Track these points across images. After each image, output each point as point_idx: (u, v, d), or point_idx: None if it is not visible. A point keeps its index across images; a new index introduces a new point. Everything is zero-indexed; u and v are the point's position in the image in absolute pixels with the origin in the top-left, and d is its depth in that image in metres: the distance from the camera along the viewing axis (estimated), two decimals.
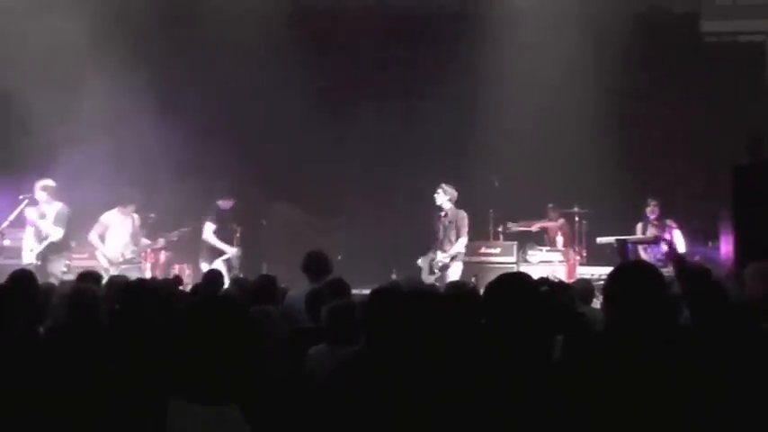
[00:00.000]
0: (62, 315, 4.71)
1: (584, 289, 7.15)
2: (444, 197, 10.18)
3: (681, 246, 10.05)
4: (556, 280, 7.33)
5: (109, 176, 11.25)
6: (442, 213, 10.20)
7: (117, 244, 10.24)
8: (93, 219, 10.12)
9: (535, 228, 12.12)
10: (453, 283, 6.71)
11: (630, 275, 2.84)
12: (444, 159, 12.00)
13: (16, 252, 9.88)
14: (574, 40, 11.79)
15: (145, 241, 10.61)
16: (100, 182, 11.07)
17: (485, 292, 2.88)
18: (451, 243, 10.12)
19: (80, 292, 4.52)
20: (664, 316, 2.69)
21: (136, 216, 10.49)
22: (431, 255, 10.23)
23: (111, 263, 10.04)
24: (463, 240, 10.15)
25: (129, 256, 10.29)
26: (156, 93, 11.71)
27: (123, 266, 9.98)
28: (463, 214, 10.23)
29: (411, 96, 12.64)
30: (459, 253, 10.17)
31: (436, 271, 10.09)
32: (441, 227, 10.20)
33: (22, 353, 3.92)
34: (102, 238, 10.22)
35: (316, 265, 6.79)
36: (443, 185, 10.20)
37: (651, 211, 10.73)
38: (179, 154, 11.65)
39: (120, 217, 10.32)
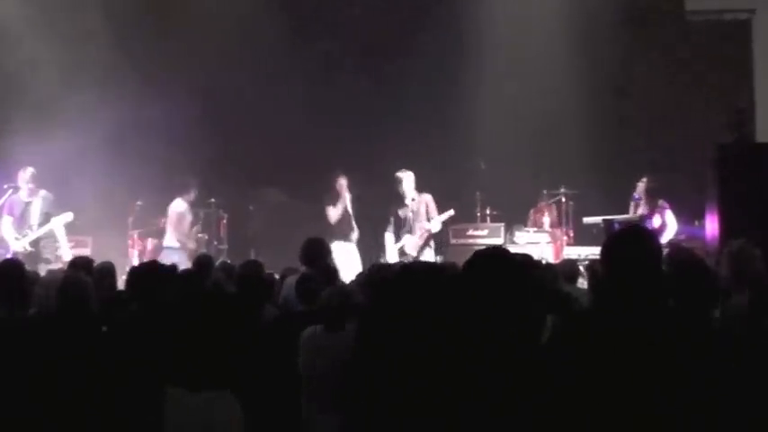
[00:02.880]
0: (50, 304, 4.70)
1: (568, 269, 7.24)
2: (411, 186, 10.21)
3: (672, 226, 10.07)
4: (542, 261, 7.38)
5: (94, 165, 11.21)
6: (407, 200, 10.22)
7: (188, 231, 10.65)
8: (76, 208, 10.04)
9: (534, 220, 12.09)
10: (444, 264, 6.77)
11: (631, 237, 2.84)
12: (430, 142, 12.00)
13: (1, 242, 9.84)
14: (559, 17, 11.79)
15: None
16: (84, 170, 11.04)
17: (466, 270, 2.87)
18: (420, 226, 10.19)
19: (70, 281, 4.51)
20: (658, 285, 2.70)
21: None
22: (401, 243, 10.26)
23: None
24: (437, 220, 10.22)
25: (191, 246, 10.56)
26: (139, 77, 11.65)
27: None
28: (429, 196, 10.31)
29: (396, 80, 12.60)
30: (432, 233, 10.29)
31: (408, 252, 10.16)
32: (409, 213, 10.25)
33: (10, 340, 3.93)
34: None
35: (312, 251, 6.79)
36: (404, 175, 10.19)
37: (639, 189, 10.75)
38: (165, 142, 11.59)
39: (185, 205, 10.68)
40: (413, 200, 10.22)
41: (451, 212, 10.38)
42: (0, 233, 9.85)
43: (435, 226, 10.27)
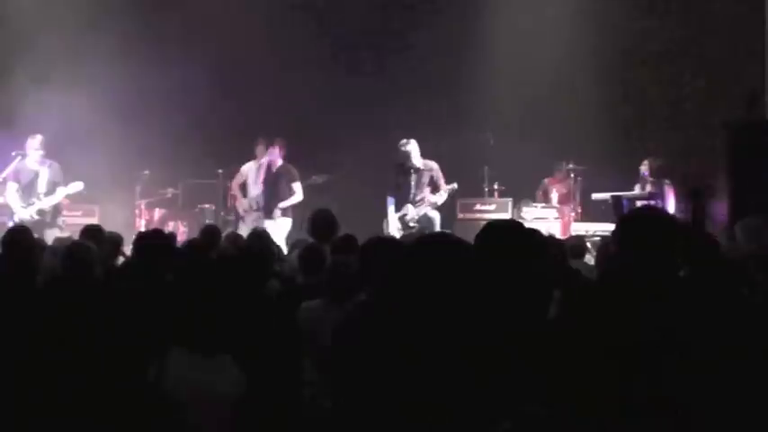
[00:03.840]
0: (56, 270, 4.71)
1: (576, 245, 7.23)
2: (416, 154, 9.95)
3: (671, 207, 10.07)
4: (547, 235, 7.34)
5: (102, 134, 11.19)
6: (413, 169, 9.97)
7: (251, 194, 10.66)
8: (83, 177, 10.03)
9: (543, 194, 12.04)
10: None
11: (645, 219, 2.82)
12: (439, 116, 11.96)
13: (9, 209, 9.84)
14: None
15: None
16: (92, 139, 11.03)
17: (480, 240, 2.85)
18: (424, 196, 9.95)
19: (76, 248, 4.51)
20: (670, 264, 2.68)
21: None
22: (402, 212, 10.01)
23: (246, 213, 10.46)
24: (443, 192, 10.00)
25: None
26: (149, 47, 11.61)
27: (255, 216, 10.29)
28: (436, 165, 10.07)
29: (404, 53, 12.53)
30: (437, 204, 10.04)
31: (411, 224, 9.88)
32: (411, 182, 9.98)
33: (19, 307, 3.93)
34: (241, 188, 10.77)
35: (321, 224, 6.77)
36: (409, 144, 9.92)
37: (645, 169, 10.71)
38: (173, 112, 11.56)
39: (254, 167, 10.72)
40: (418, 169, 9.98)
41: (455, 186, 10.11)
42: (5, 199, 9.85)
43: (440, 199, 10.02)
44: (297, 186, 10.43)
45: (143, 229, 10.87)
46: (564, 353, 2.55)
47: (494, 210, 11.53)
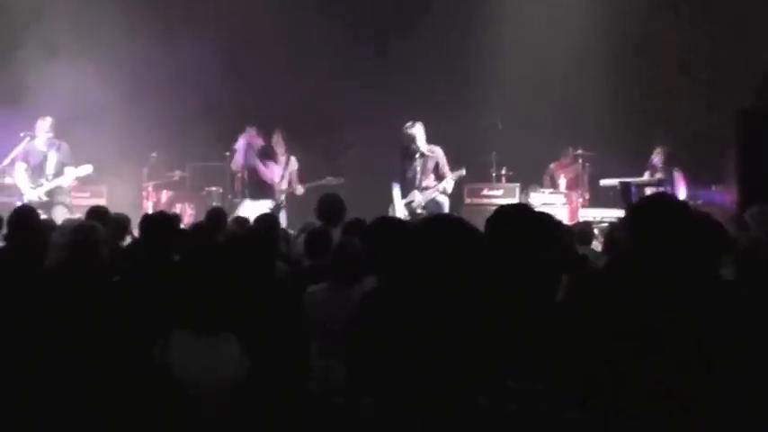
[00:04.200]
0: (64, 252, 4.71)
1: (583, 231, 7.21)
2: (422, 138, 9.70)
3: (681, 194, 10.02)
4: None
5: (110, 115, 11.20)
6: (418, 154, 9.72)
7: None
8: (91, 158, 10.03)
9: (550, 180, 11.99)
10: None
11: (657, 207, 2.80)
12: (446, 100, 11.91)
13: (18, 190, 9.86)
14: None
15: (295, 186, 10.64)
16: (100, 120, 11.04)
17: (491, 224, 2.84)
18: (430, 182, 9.73)
19: (82, 229, 4.51)
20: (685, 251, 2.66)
21: (293, 159, 10.60)
22: (408, 198, 9.80)
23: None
24: (450, 179, 9.72)
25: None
26: (158, 29, 11.59)
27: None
28: (441, 150, 9.80)
29: (412, 37, 12.47)
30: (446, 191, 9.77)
31: (419, 211, 9.62)
32: (417, 168, 9.74)
33: (26, 289, 3.94)
34: None
35: (329, 208, 6.75)
36: (414, 128, 9.66)
37: (656, 156, 10.65)
38: (182, 94, 11.55)
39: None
40: (423, 154, 9.73)
41: (463, 172, 9.86)
42: (14, 180, 9.88)
43: (449, 186, 9.73)
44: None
45: (150, 211, 10.90)
46: (570, 337, 2.53)
47: (501, 195, 11.50)
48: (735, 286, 3.50)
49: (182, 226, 7.36)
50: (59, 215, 8.62)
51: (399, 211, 9.78)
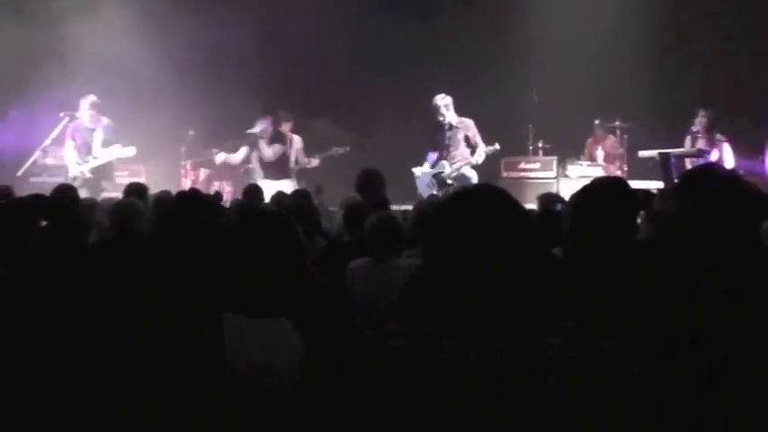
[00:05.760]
0: (106, 229, 4.77)
1: None
2: (450, 109, 9.61)
3: (730, 161, 9.82)
4: None
5: (147, 94, 11.28)
6: (447, 125, 9.63)
7: None
8: (129, 137, 10.12)
9: (589, 154, 11.89)
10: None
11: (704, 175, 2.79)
12: (482, 74, 11.82)
13: (59, 170, 9.98)
14: None
15: (303, 160, 10.82)
16: (137, 99, 11.13)
17: (584, 196, 2.90)
18: (460, 153, 9.64)
19: (124, 206, 4.55)
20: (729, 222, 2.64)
21: (296, 138, 10.83)
22: (438, 169, 9.73)
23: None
24: (481, 151, 9.62)
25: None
26: (195, 7, 11.62)
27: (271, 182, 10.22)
28: (471, 121, 9.70)
29: (446, 11, 12.38)
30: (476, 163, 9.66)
31: (449, 181, 9.56)
32: (446, 139, 9.66)
33: (67, 266, 3.98)
34: None
35: (366, 183, 6.73)
36: (443, 100, 9.59)
37: (699, 122, 10.46)
38: (219, 72, 11.58)
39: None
40: (452, 126, 9.64)
41: (497, 147, 9.72)
42: (56, 160, 10.00)
43: (479, 158, 9.63)
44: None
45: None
46: (613, 308, 2.53)
47: (538, 168, 11.45)
48: None
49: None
50: (103, 194, 8.71)
51: (423, 181, 9.79)
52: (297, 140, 10.90)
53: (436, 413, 1.62)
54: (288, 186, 9.87)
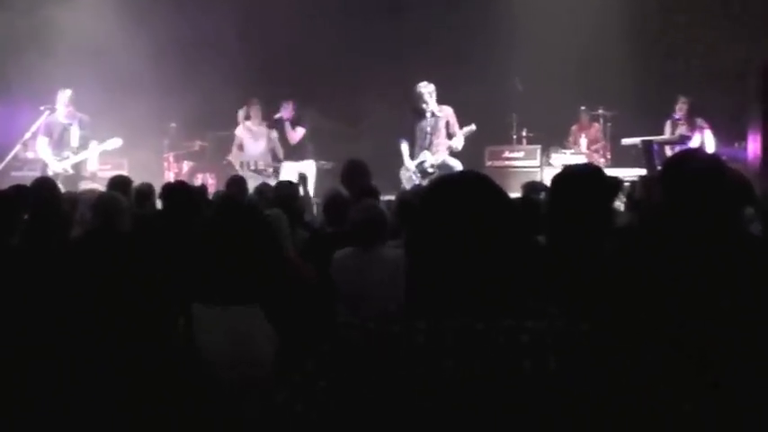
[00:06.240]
0: (88, 223, 4.74)
1: None
2: (432, 98, 9.52)
3: (711, 146, 9.87)
4: None
5: (129, 87, 11.21)
6: (429, 113, 9.56)
7: (250, 154, 10.72)
8: (112, 130, 10.05)
9: (574, 140, 11.90)
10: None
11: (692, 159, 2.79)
12: (466, 63, 11.81)
13: (39, 164, 9.89)
14: None
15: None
16: (119, 92, 11.06)
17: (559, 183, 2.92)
18: (442, 142, 9.59)
19: (107, 200, 4.52)
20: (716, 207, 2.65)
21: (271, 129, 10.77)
22: (419, 159, 9.66)
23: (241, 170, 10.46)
24: (460, 136, 9.55)
25: (260, 167, 10.56)
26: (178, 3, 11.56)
27: (250, 174, 10.26)
28: (450, 109, 9.64)
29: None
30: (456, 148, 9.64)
31: (430, 170, 9.51)
32: (427, 128, 9.58)
33: (51, 260, 3.96)
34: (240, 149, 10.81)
35: (351, 173, 6.72)
36: (427, 88, 9.51)
37: (680, 108, 10.51)
38: (201, 64, 11.52)
39: (251, 129, 10.74)
40: (434, 113, 9.55)
41: (473, 127, 9.59)
42: (36, 154, 9.91)
43: (459, 143, 9.56)
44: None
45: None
46: (596, 297, 2.53)
47: (522, 157, 11.47)
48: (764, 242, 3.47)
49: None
50: (81, 184, 8.65)
51: (405, 173, 9.74)
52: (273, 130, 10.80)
53: (412, 398, 1.59)
54: (310, 166, 10.07)
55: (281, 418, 1.63)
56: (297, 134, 10.34)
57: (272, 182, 10.23)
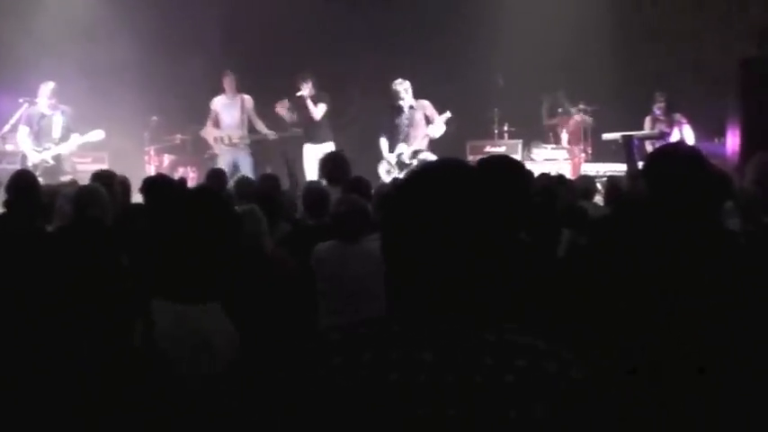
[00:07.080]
0: (67, 216, 4.71)
1: (585, 185, 7.18)
2: (408, 94, 9.81)
3: (690, 141, 9.95)
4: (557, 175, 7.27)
5: (110, 80, 11.15)
6: (406, 107, 9.83)
7: (226, 124, 10.72)
8: (93, 123, 9.99)
9: (553, 134, 11.94)
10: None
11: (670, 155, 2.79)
12: (448, 57, 11.82)
13: (18, 157, 9.82)
14: None
15: (261, 127, 10.69)
16: (100, 85, 10.99)
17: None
18: (421, 133, 9.83)
19: (86, 192, 4.50)
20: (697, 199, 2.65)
21: (246, 98, 10.74)
22: (396, 151, 9.90)
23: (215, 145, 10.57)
24: (438, 123, 9.79)
25: (235, 140, 10.54)
26: None
27: (225, 148, 10.39)
28: (427, 102, 9.90)
29: None
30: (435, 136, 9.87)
31: (407, 162, 9.73)
32: (404, 121, 9.87)
33: (26, 252, 3.94)
34: (215, 124, 10.82)
35: (331, 166, 6.73)
36: (402, 85, 9.78)
37: (658, 105, 10.57)
38: (186, 58, 11.45)
39: (225, 101, 10.73)
40: (411, 107, 9.83)
41: (448, 114, 9.82)
42: (16, 145, 9.84)
43: (437, 130, 9.82)
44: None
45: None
46: (577, 292, 2.54)
47: (504, 151, 11.47)
48: (742, 236, 3.50)
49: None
50: (61, 177, 8.61)
51: (383, 166, 9.91)
52: (248, 100, 10.83)
53: (381, 406, 1.48)
54: (330, 148, 9.82)
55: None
56: (319, 111, 10.34)
57: (248, 157, 10.48)
